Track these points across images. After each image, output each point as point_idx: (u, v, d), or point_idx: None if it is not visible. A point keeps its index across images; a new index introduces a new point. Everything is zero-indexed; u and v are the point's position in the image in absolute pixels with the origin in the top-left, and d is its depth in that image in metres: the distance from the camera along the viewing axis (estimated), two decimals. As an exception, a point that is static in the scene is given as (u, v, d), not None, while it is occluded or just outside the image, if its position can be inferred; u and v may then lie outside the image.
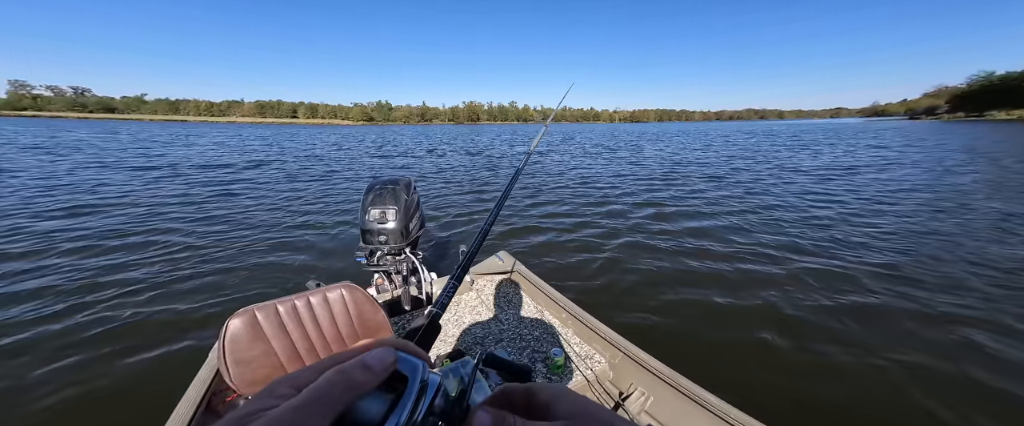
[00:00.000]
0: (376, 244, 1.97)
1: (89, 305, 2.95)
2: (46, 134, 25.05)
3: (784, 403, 1.98)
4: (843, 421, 1.89)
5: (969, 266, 3.68)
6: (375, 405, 0.23)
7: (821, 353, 2.39)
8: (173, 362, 2.31)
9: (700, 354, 2.38)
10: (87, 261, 3.82)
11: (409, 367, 0.25)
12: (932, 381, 2.15)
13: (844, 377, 2.18)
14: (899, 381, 2.15)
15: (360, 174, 10.51)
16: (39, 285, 3.25)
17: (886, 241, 4.42)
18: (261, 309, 1.07)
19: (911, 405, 1.99)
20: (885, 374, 2.21)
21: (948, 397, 2.02)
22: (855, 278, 3.44)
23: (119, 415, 1.94)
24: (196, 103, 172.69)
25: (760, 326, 2.67)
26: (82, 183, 7.95)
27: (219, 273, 3.64)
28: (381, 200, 2.01)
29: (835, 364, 2.29)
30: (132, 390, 2.10)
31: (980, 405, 1.96)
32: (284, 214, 5.88)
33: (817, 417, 1.90)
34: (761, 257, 3.97)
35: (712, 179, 9.08)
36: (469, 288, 2.25)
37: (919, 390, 2.08)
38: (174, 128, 45.97)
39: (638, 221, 5.51)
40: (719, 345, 2.47)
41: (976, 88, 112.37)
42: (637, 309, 2.92)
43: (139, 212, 5.75)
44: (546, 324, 1.91)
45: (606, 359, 1.63)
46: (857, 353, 2.38)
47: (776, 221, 5.35)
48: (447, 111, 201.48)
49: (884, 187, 7.72)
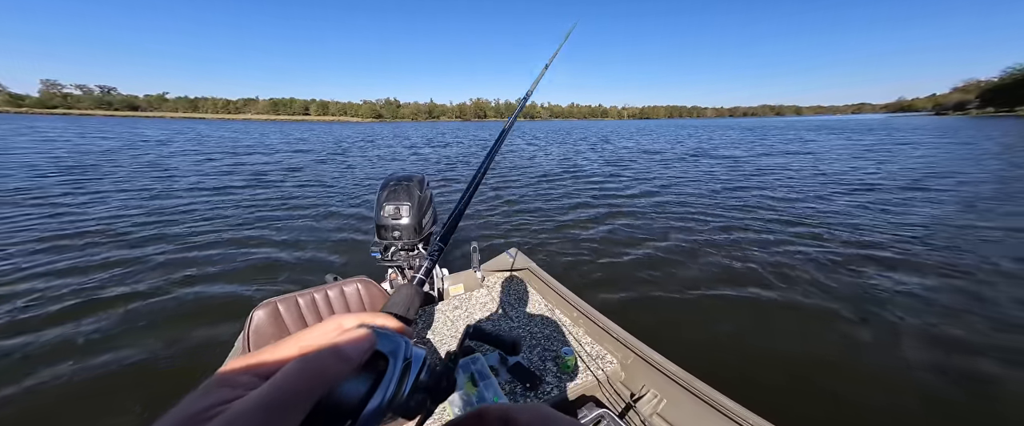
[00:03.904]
0: (390, 240, 2.00)
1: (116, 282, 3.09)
2: (125, 132, 25.84)
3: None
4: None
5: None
6: (355, 386, 0.22)
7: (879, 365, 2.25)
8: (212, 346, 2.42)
9: (722, 356, 2.34)
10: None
11: (390, 346, 0.24)
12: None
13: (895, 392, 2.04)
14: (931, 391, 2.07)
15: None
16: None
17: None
18: (283, 301, 1.10)
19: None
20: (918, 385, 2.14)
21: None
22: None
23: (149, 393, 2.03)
24: (214, 101, 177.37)
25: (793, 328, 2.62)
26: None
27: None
28: (395, 196, 2.04)
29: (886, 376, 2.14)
30: (162, 371, 2.20)
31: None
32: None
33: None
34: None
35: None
36: (479, 284, 2.26)
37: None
38: (209, 125, 47.43)
39: (657, 215, 5.45)
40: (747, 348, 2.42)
41: (1009, 81, 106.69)
42: (653, 308, 2.89)
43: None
44: (557, 323, 1.91)
45: (618, 359, 1.61)
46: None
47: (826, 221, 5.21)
48: (454, 108, 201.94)
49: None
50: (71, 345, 2.44)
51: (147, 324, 2.70)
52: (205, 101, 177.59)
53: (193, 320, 2.75)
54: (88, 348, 2.42)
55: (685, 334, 2.62)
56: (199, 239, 4.47)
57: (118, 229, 4.74)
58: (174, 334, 2.58)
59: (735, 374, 2.13)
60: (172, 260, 3.84)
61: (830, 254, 3.92)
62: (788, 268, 3.59)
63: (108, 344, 2.46)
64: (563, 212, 5.89)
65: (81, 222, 4.96)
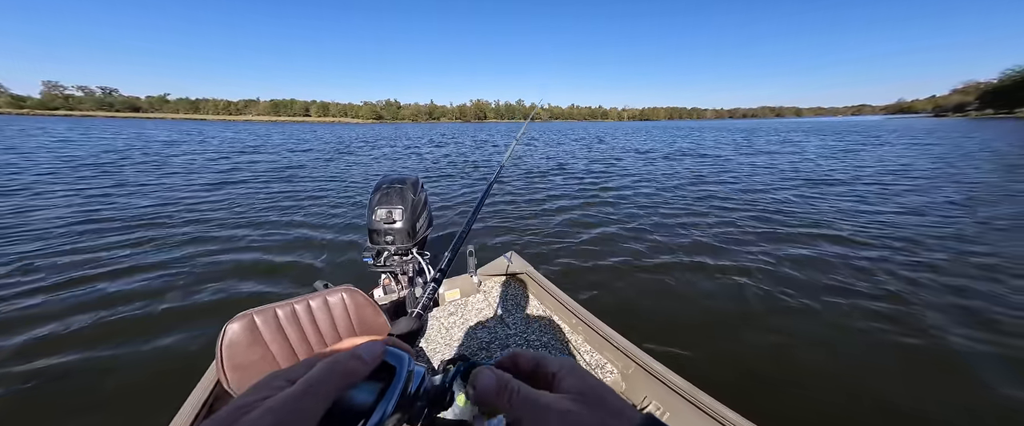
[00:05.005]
0: (383, 244, 1.93)
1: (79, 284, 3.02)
2: (133, 133, 25.83)
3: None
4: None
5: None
6: (365, 393, 0.25)
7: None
8: (186, 359, 2.33)
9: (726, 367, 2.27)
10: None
11: (396, 359, 0.27)
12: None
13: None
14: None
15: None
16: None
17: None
18: (260, 313, 1.04)
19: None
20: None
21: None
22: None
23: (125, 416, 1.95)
24: (214, 102, 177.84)
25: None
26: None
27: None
28: (388, 199, 1.97)
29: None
30: (138, 383, 2.12)
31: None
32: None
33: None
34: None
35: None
36: (476, 290, 2.19)
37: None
38: (210, 126, 47.43)
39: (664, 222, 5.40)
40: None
41: (1008, 83, 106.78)
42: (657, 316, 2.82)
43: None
44: (555, 330, 1.84)
45: (618, 369, 1.55)
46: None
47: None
48: (455, 109, 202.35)
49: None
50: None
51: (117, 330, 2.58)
52: (206, 102, 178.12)
53: (162, 328, 2.63)
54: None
55: (686, 338, 2.55)
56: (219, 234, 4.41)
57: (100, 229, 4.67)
58: (141, 345, 2.44)
59: (729, 374, 2.06)
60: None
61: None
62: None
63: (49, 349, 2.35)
64: (558, 212, 5.84)
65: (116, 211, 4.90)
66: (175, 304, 2.98)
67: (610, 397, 0.25)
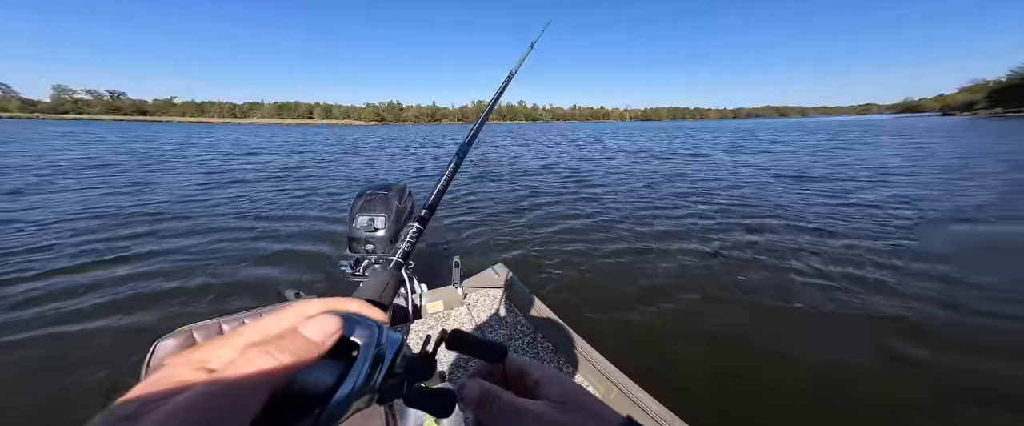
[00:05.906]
0: (363, 253, 1.89)
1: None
2: (145, 136, 26.12)
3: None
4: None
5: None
6: (322, 374, 0.21)
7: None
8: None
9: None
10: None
11: (361, 331, 0.24)
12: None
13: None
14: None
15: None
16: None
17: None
18: (201, 329, 0.95)
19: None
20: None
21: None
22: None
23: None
24: (219, 105, 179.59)
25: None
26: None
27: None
28: (370, 207, 1.93)
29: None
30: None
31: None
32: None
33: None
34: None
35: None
36: (460, 303, 2.14)
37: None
38: (222, 130, 47.72)
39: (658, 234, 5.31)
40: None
41: (1017, 81, 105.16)
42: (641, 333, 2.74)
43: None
44: (538, 348, 1.79)
45: (600, 393, 1.49)
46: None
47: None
48: (456, 111, 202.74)
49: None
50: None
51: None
52: (211, 105, 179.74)
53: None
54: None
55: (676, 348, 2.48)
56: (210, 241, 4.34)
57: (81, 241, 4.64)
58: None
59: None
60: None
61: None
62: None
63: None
64: (535, 208, 6.01)
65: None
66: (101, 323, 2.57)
67: (589, 401, 0.25)
